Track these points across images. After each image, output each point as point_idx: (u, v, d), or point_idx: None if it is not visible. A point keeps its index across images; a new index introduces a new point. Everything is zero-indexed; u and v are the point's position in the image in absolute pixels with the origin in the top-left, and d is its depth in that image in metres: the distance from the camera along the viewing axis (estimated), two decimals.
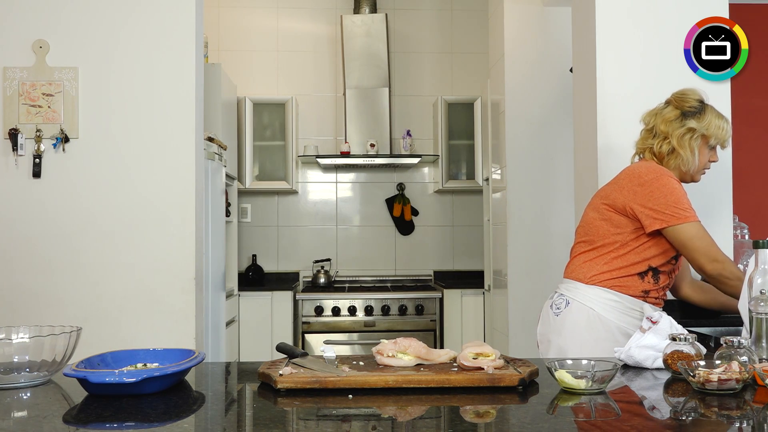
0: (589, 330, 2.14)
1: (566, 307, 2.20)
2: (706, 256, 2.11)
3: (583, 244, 2.26)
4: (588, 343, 2.11)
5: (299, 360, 1.60)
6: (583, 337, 2.14)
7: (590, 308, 2.16)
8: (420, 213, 5.20)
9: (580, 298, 2.18)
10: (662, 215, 2.11)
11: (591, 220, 2.26)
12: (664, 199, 2.12)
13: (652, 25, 2.76)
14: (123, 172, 2.82)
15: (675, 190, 2.13)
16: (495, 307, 4.28)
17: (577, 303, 2.18)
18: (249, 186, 4.78)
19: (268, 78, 5.14)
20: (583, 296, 2.18)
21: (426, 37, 5.25)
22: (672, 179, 2.15)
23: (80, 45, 2.82)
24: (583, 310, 2.17)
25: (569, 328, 2.18)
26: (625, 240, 2.17)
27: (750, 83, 3.85)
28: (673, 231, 2.11)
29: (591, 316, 2.15)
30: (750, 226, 2.98)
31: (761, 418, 1.30)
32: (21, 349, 1.50)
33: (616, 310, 2.14)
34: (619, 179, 2.25)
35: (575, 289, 2.21)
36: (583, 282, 2.20)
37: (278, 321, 4.49)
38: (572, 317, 2.18)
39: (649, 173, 2.17)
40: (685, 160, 2.21)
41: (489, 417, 1.36)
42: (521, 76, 3.95)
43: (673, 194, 2.12)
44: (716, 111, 2.25)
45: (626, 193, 2.17)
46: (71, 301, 2.76)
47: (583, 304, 2.17)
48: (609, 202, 2.21)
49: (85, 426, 1.28)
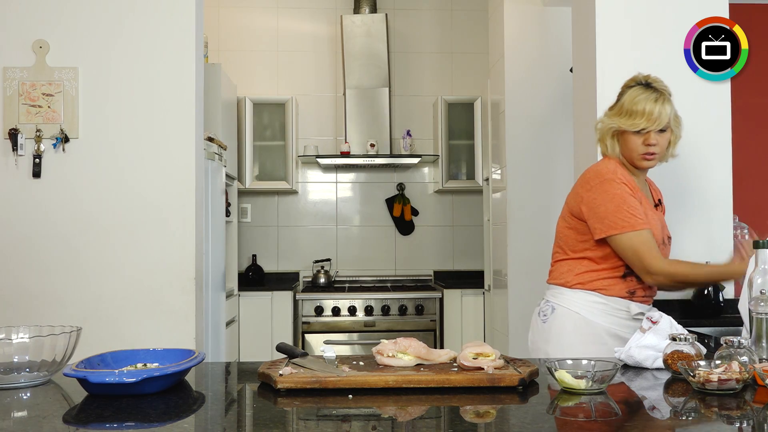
0: (576, 334, 2.12)
1: (552, 313, 2.19)
2: (640, 269, 2.07)
3: (560, 252, 2.25)
4: (575, 348, 2.08)
5: (299, 360, 1.60)
6: (571, 341, 2.12)
7: (576, 312, 2.14)
8: (420, 213, 5.20)
9: (565, 304, 2.16)
10: (601, 224, 2.08)
11: (560, 228, 2.25)
12: (603, 207, 2.08)
13: (652, 25, 2.76)
14: (123, 172, 2.82)
15: (614, 197, 2.07)
16: (495, 307, 4.28)
17: (562, 308, 2.16)
18: (249, 186, 4.78)
19: (268, 78, 5.14)
20: (569, 301, 2.16)
21: (426, 37, 5.25)
22: (615, 184, 2.09)
23: (80, 45, 2.82)
24: (568, 315, 2.15)
25: (556, 334, 2.16)
26: (593, 246, 2.13)
27: (750, 83, 3.85)
28: (611, 241, 2.09)
29: (577, 321, 2.13)
30: (750, 226, 2.97)
31: (761, 418, 1.30)
32: (21, 349, 1.50)
33: (603, 312, 2.12)
34: (576, 184, 2.24)
35: (560, 294, 2.19)
36: (566, 287, 2.18)
37: (278, 321, 4.49)
38: (558, 323, 2.16)
39: (595, 178, 2.14)
40: (609, 151, 2.19)
41: (489, 417, 1.36)
42: (521, 76, 3.95)
43: (612, 201, 2.07)
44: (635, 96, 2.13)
45: (578, 199, 2.16)
46: (71, 300, 2.76)
47: (568, 309, 2.15)
48: (569, 209, 2.21)
49: (85, 426, 1.28)
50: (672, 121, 2.15)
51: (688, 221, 2.72)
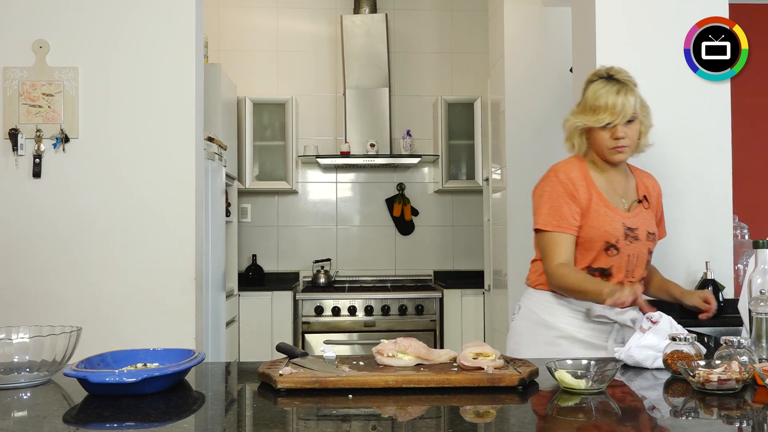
0: (533, 334, 2.12)
1: (518, 312, 2.23)
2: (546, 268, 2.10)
3: (535, 253, 2.26)
4: (530, 348, 2.10)
5: (299, 360, 1.60)
6: (527, 341, 2.14)
7: (534, 312, 2.15)
8: (420, 213, 5.20)
9: (528, 303, 2.19)
10: (534, 218, 2.15)
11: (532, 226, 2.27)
12: (536, 203, 2.15)
13: (652, 25, 2.76)
14: (123, 172, 2.82)
15: (543, 195, 2.12)
16: (495, 307, 4.28)
17: (524, 308, 2.20)
18: (249, 186, 4.78)
19: (268, 78, 5.14)
20: (531, 301, 2.18)
21: (426, 37, 5.25)
22: (551, 181, 2.12)
23: (80, 45, 2.82)
24: (528, 315, 2.17)
25: (518, 333, 2.19)
26: None
27: (750, 83, 3.85)
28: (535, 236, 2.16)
29: (534, 320, 2.15)
30: (750, 226, 2.98)
31: (761, 418, 1.30)
32: (21, 349, 1.51)
33: (561, 313, 2.11)
34: None
35: (527, 294, 2.22)
36: (532, 287, 2.20)
37: (278, 321, 4.49)
38: (520, 323, 2.19)
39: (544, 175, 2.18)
40: (577, 150, 2.17)
41: (489, 417, 1.36)
42: (521, 76, 3.95)
43: (540, 198, 2.13)
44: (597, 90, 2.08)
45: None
46: (71, 300, 2.76)
47: (529, 309, 2.17)
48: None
49: (85, 426, 1.28)
50: (639, 111, 2.09)
51: (688, 221, 2.72)
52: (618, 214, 2.11)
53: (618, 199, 2.15)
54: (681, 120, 2.75)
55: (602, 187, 2.14)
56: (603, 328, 2.09)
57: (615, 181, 2.18)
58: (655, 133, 2.74)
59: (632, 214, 2.14)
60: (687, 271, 2.70)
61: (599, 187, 2.13)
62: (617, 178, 2.18)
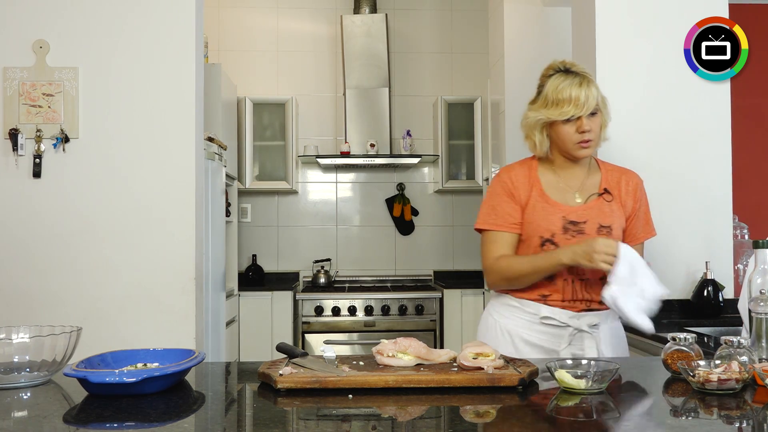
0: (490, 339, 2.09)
1: (483, 315, 2.24)
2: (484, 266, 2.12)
3: None
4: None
5: (299, 360, 1.60)
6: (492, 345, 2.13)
7: (490, 315, 2.16)
8: (420, 213, 5.20)
9: (489, 307, 2.20)
10: None
11: None
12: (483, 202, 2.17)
13: (652, 25, 2.76)
14: (123, 172, 2.82)
15: (488, 194, 2.15)
16: None
17: (485, 312, 2.21)
18: (249, 186, 4.78)
19: (268, 78, 5.14)
20: (491, 305, 2.19)
21: (426, 37, 5.25)
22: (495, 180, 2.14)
23: (80, 45, 2.82)
24: (486, 319, 2.18)
25: (480, 336, 2.18)
26: None
27: (750, 83, 3.85)
28: None
29: (490, 324, 2.14)
30: (750, 226, 2.98)
31: (761, 418, 1.30)
32: (21, 349, 1.50)
33: (514, 315, 2.08)
34: None
35: (490, 298, 2.23)
36: (494, 290, 2.19)
37: (278, 321, 4.49)
38: (482, 326, 2.20)
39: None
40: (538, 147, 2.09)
41: (489, 417, 1.36)
42: (521, 76, 3.94)
43: (486, 196, 2.16)
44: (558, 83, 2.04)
45: None
46: (71, 300, 2.76)
47: (488, 313, 2.18)
48: None
49: (85, 426, 1.28)
50: (600, 103, 2.05)
51: (688, 221, 2.72)
52: (558, 208, 2.04)
53: (570, 194, 2.08)
54: (681, 120, 2.75)
55: (549, 184, 2.09)
56: (557, 332, 2.02)
57: (571, 177, 2.10)
58: (656, 133, 2.76)
59: (582, 208, 2.05)
60: (687, 271, 2.70)
61: (544, 183, 2.08)
62: (575, 173, 2.11)
